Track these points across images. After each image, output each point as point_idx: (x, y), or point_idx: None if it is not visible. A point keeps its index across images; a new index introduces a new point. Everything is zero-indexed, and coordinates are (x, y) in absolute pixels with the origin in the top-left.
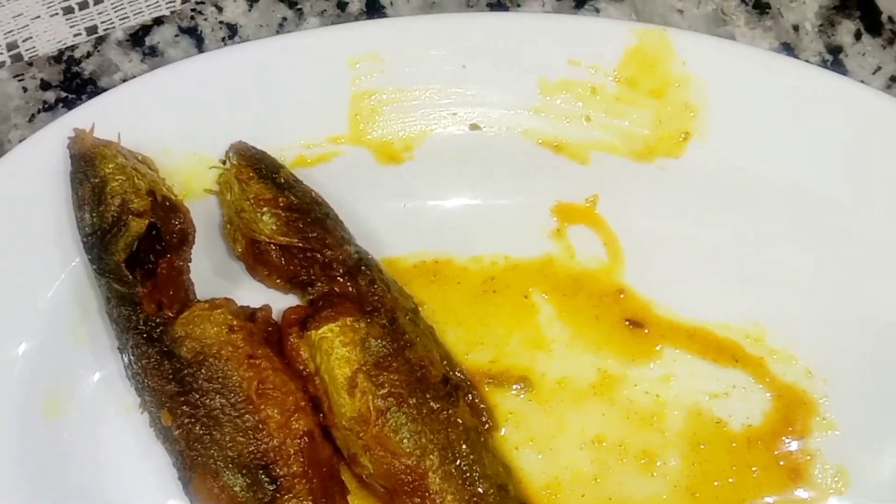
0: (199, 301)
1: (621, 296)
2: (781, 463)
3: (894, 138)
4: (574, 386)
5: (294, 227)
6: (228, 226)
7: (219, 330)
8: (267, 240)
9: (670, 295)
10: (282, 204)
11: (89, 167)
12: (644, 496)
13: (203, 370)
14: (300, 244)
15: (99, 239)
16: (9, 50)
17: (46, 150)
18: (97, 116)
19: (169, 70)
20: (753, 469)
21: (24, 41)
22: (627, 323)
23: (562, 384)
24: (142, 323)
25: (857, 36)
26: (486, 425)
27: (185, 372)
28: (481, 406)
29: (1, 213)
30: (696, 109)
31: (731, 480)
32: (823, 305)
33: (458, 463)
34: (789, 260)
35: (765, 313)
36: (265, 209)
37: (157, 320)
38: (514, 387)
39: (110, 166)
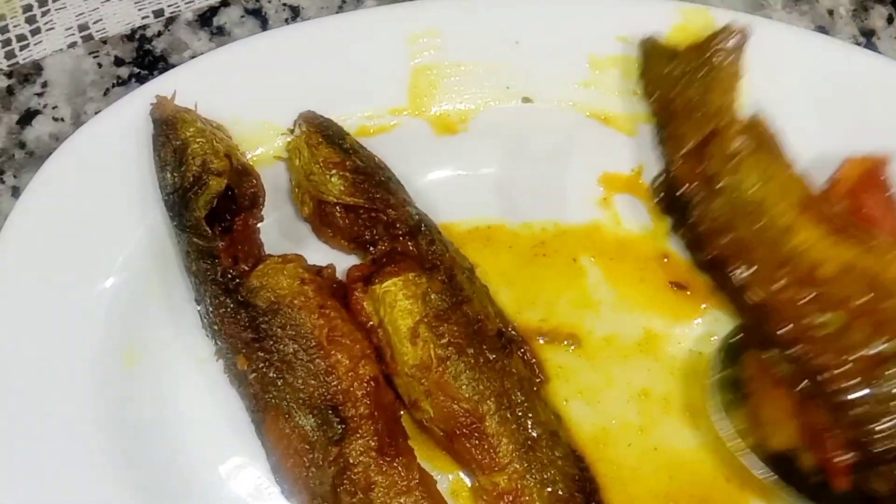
0: (272, 256)
1: (665, 260)
2: None
3: None
4: (620, 343)
5: (360, 189)
6: (297, 189)
7: (291, 281)
8: (335, 200)
9: None
10: (349, 166)
11: (171, 130)
12: (687, 447)
13: (277, 318)
14: (365, 204)
15: (180, 197)
16: (80, 31)
17: (125, 118)
18: (171, 88)
19: (239, 45)
20: None
21: (94, 23)
22: (671, 285)
23: (609, 341)
24: (219, 275)
25: (890, 20)
26: (539, 378)
27: (261, 320)
28: (533, 360)
29: (84, 174)
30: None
31: None
32: None
33: (512, 409)
34: None
35: None
36: (333, 171)
37: (234, 273)
38: (564, 342)
39: (191, 130)
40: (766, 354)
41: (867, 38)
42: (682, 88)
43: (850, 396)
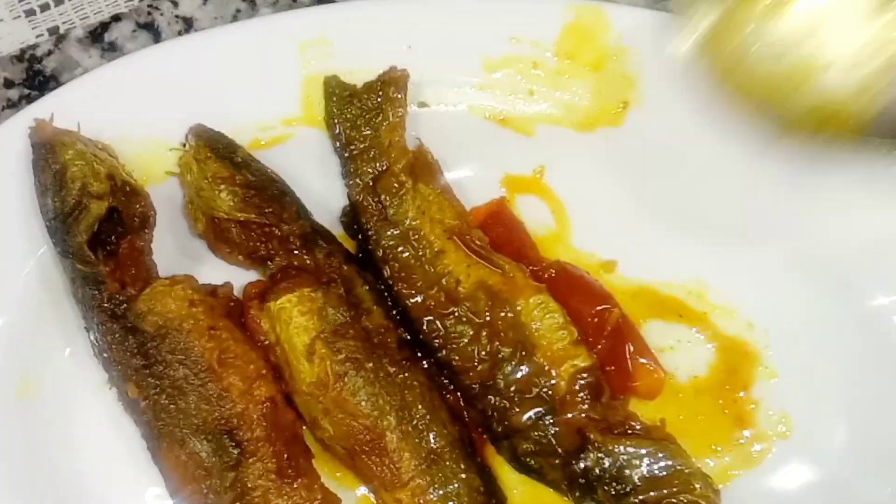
0: (159, 278)
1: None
2: (726, 411)
3: None
4: None
5: (251, 203)
6: (189, 205)
7: (180, 304)
8: (226, 216)
9: (616, 258)
10: (239, 181)
11: (50, 154)
12: None
13: (166, 342)
14: (257, 219)
15: (61, 222)
16: None
17: (10, 142)
18: (58, 108)
19: (125, 61)
20: (700, 418)
21: None
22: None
23: None
24: (105, 301)
25: None
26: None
27: (149, 345)
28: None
29: None
30: (632, 79)
31: (680, 429)
32: (762, 259)
33: (414, 422)
34: (726, 218)
35: (705, 270)
36: (223, 187)
37: (121, 298)
38: None
39: (70, 153)
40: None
41: None
42: (359, 128)
43: (476, 392)
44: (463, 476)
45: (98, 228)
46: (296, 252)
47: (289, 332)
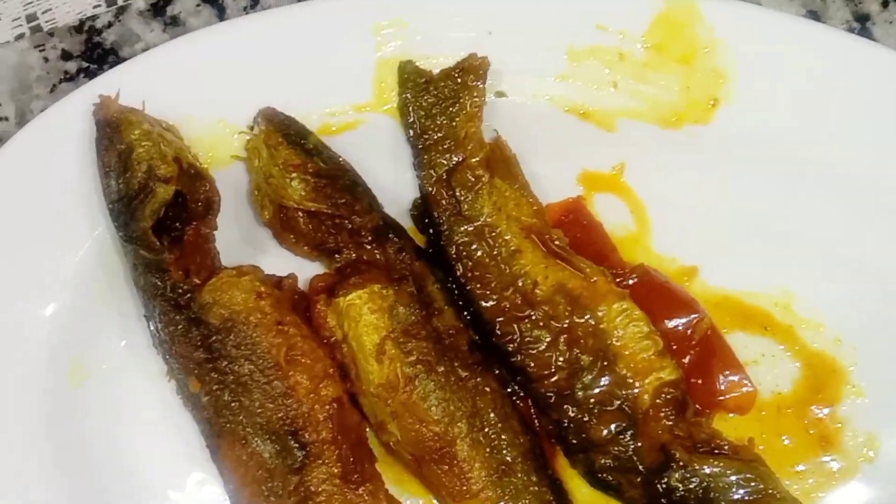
0: (226, 268)
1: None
2: (811, 431)
3: None
4: None
5: (323, 193)
6: (256, 192)
7: (247, 296)
8: (296, 206)
9: (698, 264)
10: (311, 170)
11: (115, 133)
12: None
13: (231, 336)
14: (329, 210)
15: (126, 205)
16: (28, 22)
17: (71, 117)
18: (121, 84)
19: (192, 38)
20: (783, 437)
21: (43, 13)
22: None
23: None
24: (169, 290)
25: (885, 4)
26: None
27: (214, 338)
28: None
29: (28, 181)
30: (724, 75)
31: (761, 448)
32: (852, 272)
33: (486, 431)
34: (817, 227)
35: (794, 281)
36: (294, 175)
37: (185, 287)
38: None
39: (136, 132)
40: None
41: (861, 22)
42: (434, 118)
43: (552, 401)
44: (535, 489)
45: (163, 213)
46: (366, 246)
47: (358, 330)
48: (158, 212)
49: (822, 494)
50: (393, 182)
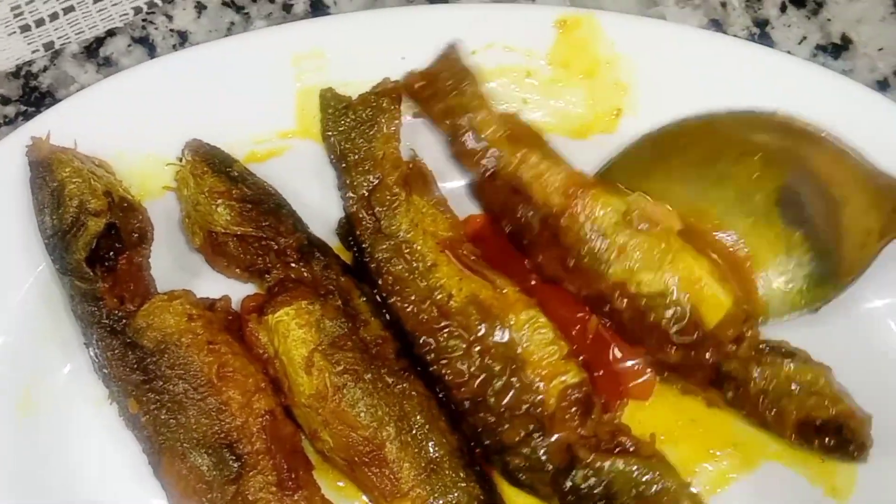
0: (158, 293)
1: None
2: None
3: (822, 106)
4: None
5: (248, 217)
6: (187, 220)
7: (178, 319)
8: (223, 230)
9: None
10: (235, 195)
11: (47, 172)
12: None
13: (165, 358)
14: (255, 233)
15: (59, 239)
16: None
17: (7, 160)
18: (54, 125)
19: (120, 77)
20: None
21: None
22: None
23: None
24: (104, 317)
25: (783, 9)
26: None
27: (149, 361)
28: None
29: None
30: (626, 87)
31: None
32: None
33: (413, 432)
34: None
35: None
36: (220, 201)
37: (119, 314)
38: None
39: (67, 170)
40: None
41: (761, 28)
42: (353, 141)
43: (468, 408)
44: (463, 485)
45: (96, 245)
46: (293, 265)
47: (287, 345)
48: (91, 244)
49: (736, 476)
50: (319, 203)
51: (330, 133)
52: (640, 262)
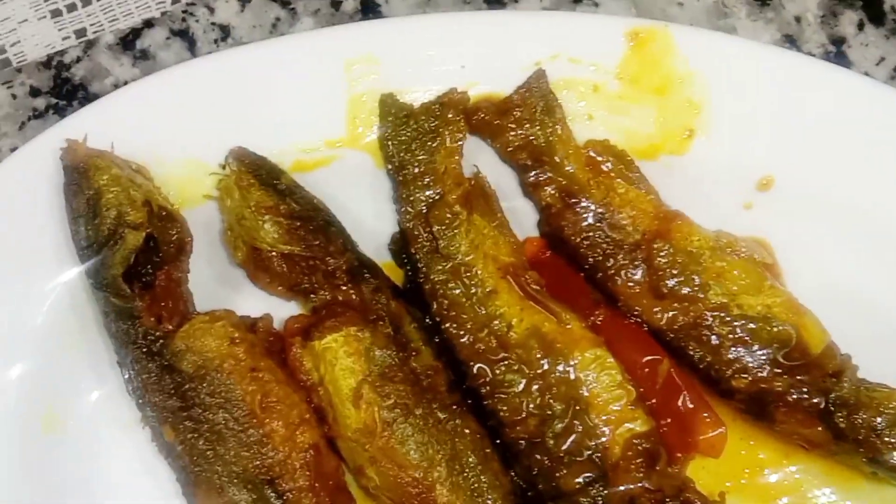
0: (198, 313)
1: None
2: None
3: None
4: None
5: (296, 236)
6: (229, 232)
7: (220, 343)
8: (269, 248)
9: None
10: (283, 211)
11: (83, 179)
12: None
13: (205, 384)
14: (302, 252)
15: (95, 252)
16: None
17: (39, 160)
18: (90, 125)
19: (162, 76)
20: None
21: (11, 45)
22: None
23: None
24: (141, 337)
25: (860, 26)
26: None
27: (187, 386)
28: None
29: None
30: (699, 106)
31: (743, 482)
32: (830, 301)
33: (465, 474)
34: (799, 253)
35: None
36: (267, 217)
37: (157, 334)
38: None
39: (104, 178)
40: None
41: (837, 46)
42: (413, 152)
43: (523, 447)
44: None
45: (133, 259)
46: (341, 287)
47: (334, 374)
48: (128, 259)
49: None
50: (369, 217)
51: (389, 142)
52: (741, 286)
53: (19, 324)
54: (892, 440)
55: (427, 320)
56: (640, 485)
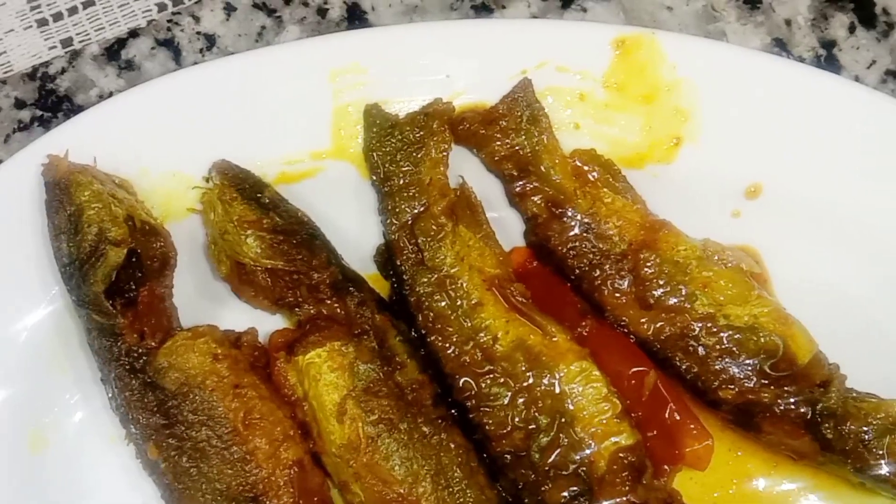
0: (181, 329)
1: None
2: None
3: (887, 135)
4: None
5: (279, 250)
6: (213, 246)
7: (202, 359)
8: (252, 263)
9: None
10: (266, 226)
11: (64, 195)
12: None
13: (188, 402)
14: (286, 267)
15: (77, 269)
16: None
17: (22, 175)
18: (73, 138)
19: (145, 88)
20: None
21: None
22: None
23: None
24: (124, 354)
25: (851, 29)
26: None
27: (170, 404)
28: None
29: None
30: (687, 114)
31: (731, 492)
32: (818, 309)
33: (451, 488)
34: (784, 264)
35: None
36: (249, 231)
37: (140, 351)
38: None
39: (86, 194)
40: None
41: (828, 49)
42: (398, 163)
43: (509, 461)
44: None
45: (116, 276)
46: (326, 300)
47: (318, 390)
48: (110, 275)
49: None
50: (354, 229)
51: (374, 153)
52: (728, 296)
53: (2, 342)
54: (880, 451)
55: (412, 333)
56: (625, 498)
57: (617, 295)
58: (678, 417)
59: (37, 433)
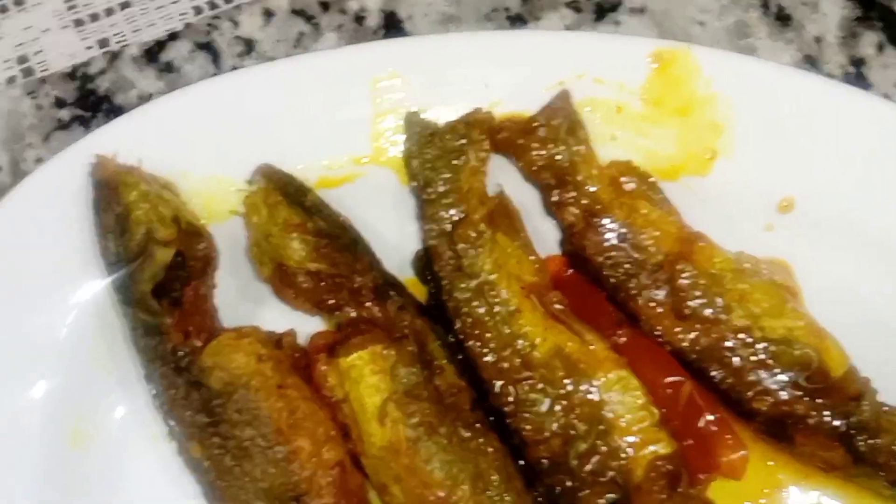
0: (226, 330)
1: None
2: None
3: None
4: None
5: (323, 253)
6: (255, 248)
7: (247, 360)
8: (296, 266)
9: None
10: (310, 229)
11: (112, 195)
12: None
13: (232, 401)
14: (329, 270)
15: (124, 268)
16: (20, 63)
17: (66, 173)
18: (116, 139)
19: (188, 91)
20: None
21: (35, 54)
22: None
23: None
24: (169, 353)
25: (880, 48)
26: None
27: (215, 403)
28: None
29: (20, 239)
30: (722, 128)
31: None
32: (850, 324)
33: (489, 493)
34: (816, 279)
35: None
36: (294, 235)
37: (185, 350)
38: None
39: (134, 194)
40: None
41: (857, 66)
42: (438, 171)
43: (546, 467)
44: None
45: (162, 277)
46: (367, 304)
47: (359, 392)
48: (158, 275)
49: None
50: (393, 234)
51: (413, 159)
52: (763, 308)
53: (46, 339)
54: None
55: (450, 338)
56: None
57: (652, 304)
58: (714, 428)
59: (78, 429)
